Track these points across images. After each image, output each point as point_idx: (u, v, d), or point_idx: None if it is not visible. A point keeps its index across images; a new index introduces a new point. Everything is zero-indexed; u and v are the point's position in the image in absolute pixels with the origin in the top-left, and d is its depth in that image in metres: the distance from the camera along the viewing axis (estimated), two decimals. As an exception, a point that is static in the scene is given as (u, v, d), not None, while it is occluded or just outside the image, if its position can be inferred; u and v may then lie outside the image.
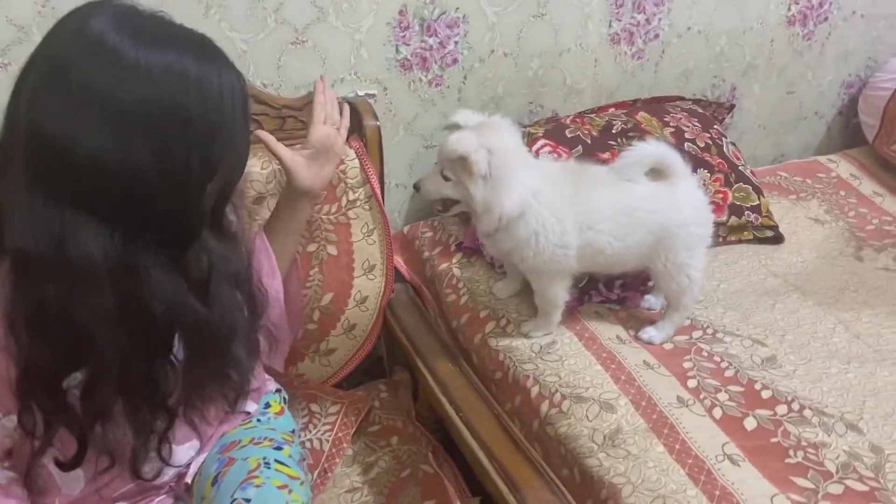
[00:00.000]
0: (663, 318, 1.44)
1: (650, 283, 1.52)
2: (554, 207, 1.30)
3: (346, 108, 1.31)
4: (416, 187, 1.35)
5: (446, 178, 1.28)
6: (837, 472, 1.14)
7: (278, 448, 1.14)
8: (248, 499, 0.99)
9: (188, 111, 0.80)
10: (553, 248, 1.31)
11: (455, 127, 1.28)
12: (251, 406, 1.23)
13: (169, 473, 1.09)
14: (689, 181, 1.38)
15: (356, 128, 1.53)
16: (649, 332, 1.43)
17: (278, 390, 1.34)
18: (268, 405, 1.28)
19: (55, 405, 0.87)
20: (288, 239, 1.27)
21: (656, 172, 1.35)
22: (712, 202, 1.73)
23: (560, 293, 1.39)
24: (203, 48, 0.84)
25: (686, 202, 1.36)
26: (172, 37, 0.82)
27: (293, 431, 1.27)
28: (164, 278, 0.86)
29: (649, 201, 1.33)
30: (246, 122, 0.90)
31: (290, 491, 1.03)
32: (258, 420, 1.23)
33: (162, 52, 0.79)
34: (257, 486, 1.01)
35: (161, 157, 0.80)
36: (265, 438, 1.15)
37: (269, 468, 1.06)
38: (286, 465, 1.09)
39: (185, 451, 1.11)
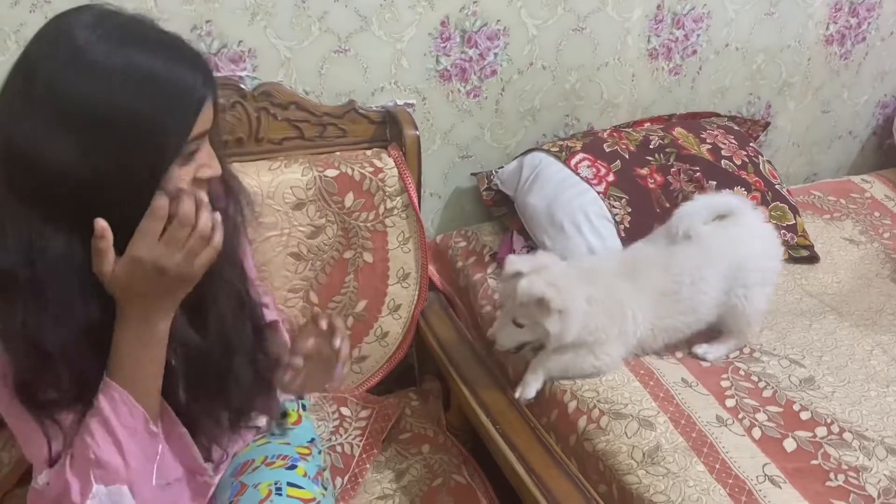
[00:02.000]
0: (721, 338, 1.43)
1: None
2: (611, 311, 1.33)
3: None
4: (492, 340, 1.35)
5: (519, 325, 1.30)
6: (879, 496, 1.13)
7: (292, 467, 1.09)
8: None
9: (145, 113, 0.77)
10: (630, 337, 1.35)
11: (516, 275, 1.30)
12: (261, 421, 1.15)
13: None
14: (754, 215, 1.44)
15: (396, 136, 1.54)
16: (704, 348, 1.42)
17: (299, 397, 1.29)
18: (285, 414, 1.23)
19: (49, 420, 0.86)
20: None
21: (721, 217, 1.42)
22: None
23: (581, 373, 1.37)
24: (174, 50, 0.81)
25: (754, 235, 1.41)
26: (144, 38, 0.80)
27: (312, 441, 1.22)
28: None
29: (709, 255, 1.36)
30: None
31: None
32: (272, 434, 1.18)
33: (127, 52, 0.77)
34: None
35: (120, 162, 0.78)
36: (278, 457, 1.11)
37: (280, 495, 1.01)
38: (300, 488, 1.04)
39: None
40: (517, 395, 1.36)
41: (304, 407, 1.31)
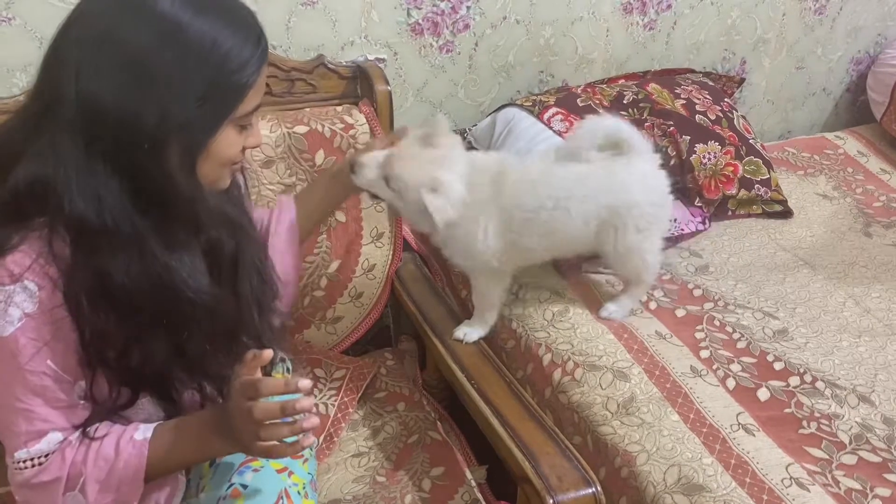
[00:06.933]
0: (623, 292, 1.40)
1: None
2: (473, 215, 1.22)
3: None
4: (353, 167, 1.19)
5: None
6: (851, 442, 1.14)
7: None
8: (244, 484, 0.96)
9: (204, 78, 0.81)
10: (479, 253, 1.26)
11: (401, 131, 1.21)
12: None
13: None
14: (647, 158, 1.29)
15: (367, 92, 1.51)
16: (609, 309, 1.38)
17: (282, 359, 1.31)
18: (270, 374, 1.24)
19: (122, 371, 0.87)
20: (318, 214, 1.29)
21: (616, 148, 1.27)
22: (723, 175, 1.72)
23: (497, 293, 1.35)
24: (244, 22, 0.84)
25: (637, 181, 1.26)
26: (219, 6, 0.83)
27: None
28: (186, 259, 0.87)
29: (581, 187, 1.24)
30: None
31: (291, 473, 1.00)
32: None
33: (204, 20, 0.80)
34: (255, 471, 0.98)
35: (151, 113, 0.80)
36: None
37: None
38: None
39: None
40: (460, 334, 1.35)
41: (288, 370, 1.31)
